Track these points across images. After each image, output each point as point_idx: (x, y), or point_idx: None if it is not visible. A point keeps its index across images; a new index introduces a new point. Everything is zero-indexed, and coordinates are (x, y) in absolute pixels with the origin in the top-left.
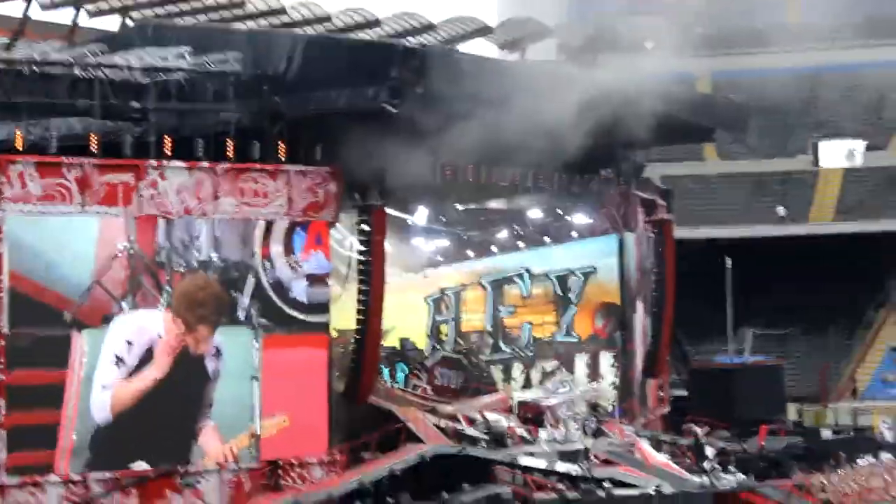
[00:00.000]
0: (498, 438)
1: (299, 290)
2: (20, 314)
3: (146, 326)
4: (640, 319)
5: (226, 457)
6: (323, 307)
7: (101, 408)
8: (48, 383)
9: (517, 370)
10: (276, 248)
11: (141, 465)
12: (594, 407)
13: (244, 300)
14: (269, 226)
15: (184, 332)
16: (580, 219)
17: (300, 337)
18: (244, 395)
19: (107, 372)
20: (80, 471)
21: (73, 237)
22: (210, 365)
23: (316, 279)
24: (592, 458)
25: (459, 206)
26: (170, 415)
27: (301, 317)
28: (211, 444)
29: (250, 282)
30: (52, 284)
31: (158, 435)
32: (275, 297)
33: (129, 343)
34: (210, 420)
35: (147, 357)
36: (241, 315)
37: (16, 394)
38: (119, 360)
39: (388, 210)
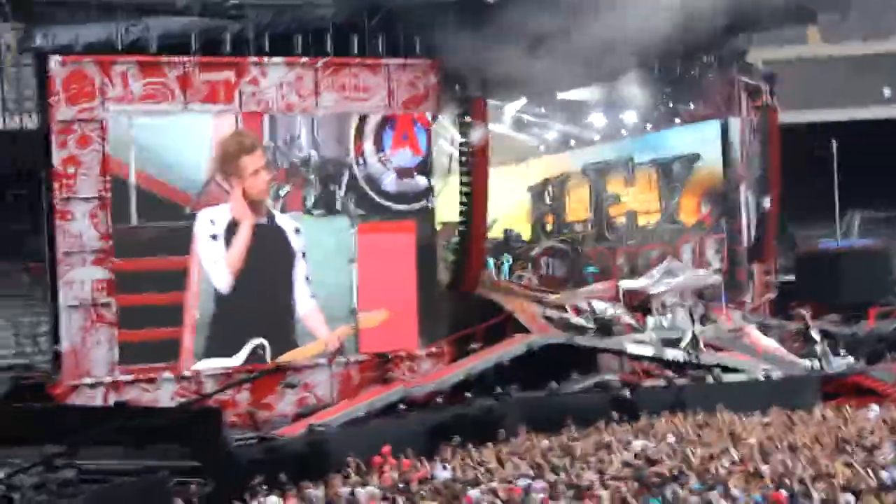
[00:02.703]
0: (605, 327)
1: (389, 182)
2: (145, 209)
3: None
4: (746, 205)
5: (331, 343)
6: (410, 197)
7: (221, 277)
8: (172, 269)
9: (622, 258)
10: (368, 145)
11: (256, 342)
12: (701, 293)
13: (340, 192)
14: (360, 125)
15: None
16: (683, 105)
17: (391, 223)
18: (344, 278)
19: (210, 249)
20: (202, 350)
21: (191, 135)
22: (293, 241)
23: (404, 172)
24: (701, 344)
25: (561, 95)
26: (271, 290)
27: (391, 205)
28: (317, 325)
29: (346, 175)
30: (173, 181)
31: (266, 313)
32: (367, 189)
33: (212, 221)
34: (314, 300)
35: (231, 229)
36: (338, 205)
37: (145, 280)
38: (213, 237)
39: (489, 101)
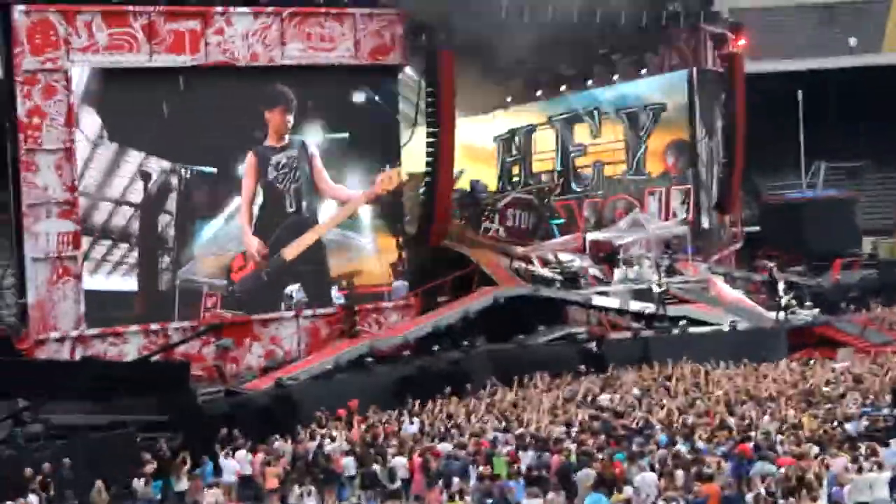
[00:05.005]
0: (571, 279)
1: None
2: None
3: None
4: (712, 155)
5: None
6: None
7: None
8: None
9: (589, 210)
10: None
11: None
12: (667, 245)
13: None
14: None
15: None
16: (649, 55)
17: None
18: None
19: None
20: None
21: None
22: None
23: None
24: (667, 296)
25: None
26: None
27: None
28: None
29: None
30: None
31: None
32: None
33: None
34: None
35: None
36: None
37: None
38: None
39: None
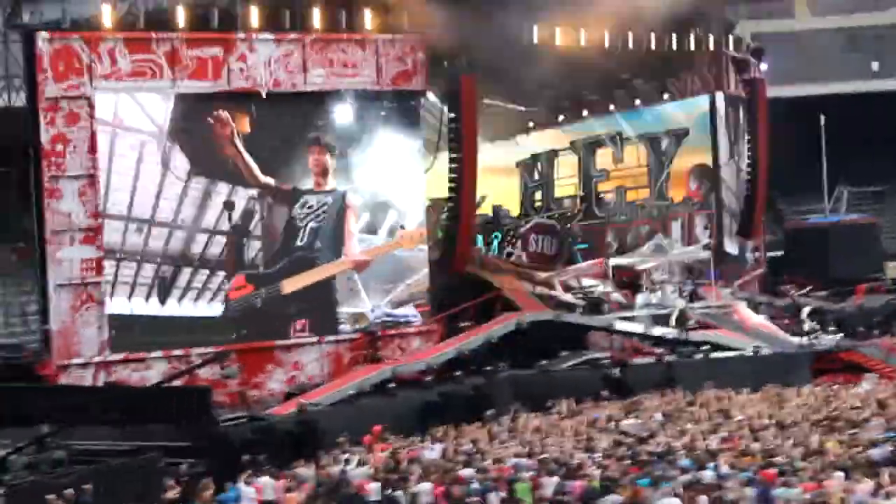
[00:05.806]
0: (594, 304)
1: None
2: None
3: None
4: (734, 180)
5: None
6: None
7: None
8: None
9: (611, 235)
10: None
11: None
12: (690, 270)
13: None
14: None
15: None
16: (671, 80)
17: None
18: None
19: None
20: None
21: None
22: None
23: None
24: (689, 321)
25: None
26: None
27: None
28: None
29: None
30: None
31: None
32: None
33: None
34: None
35: None
36: None
37: None
38: None
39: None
